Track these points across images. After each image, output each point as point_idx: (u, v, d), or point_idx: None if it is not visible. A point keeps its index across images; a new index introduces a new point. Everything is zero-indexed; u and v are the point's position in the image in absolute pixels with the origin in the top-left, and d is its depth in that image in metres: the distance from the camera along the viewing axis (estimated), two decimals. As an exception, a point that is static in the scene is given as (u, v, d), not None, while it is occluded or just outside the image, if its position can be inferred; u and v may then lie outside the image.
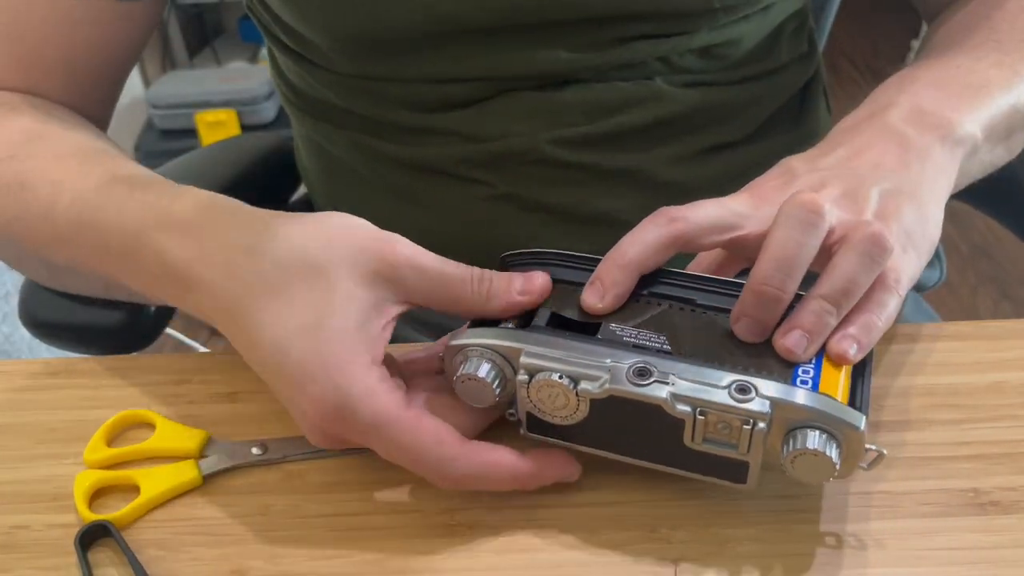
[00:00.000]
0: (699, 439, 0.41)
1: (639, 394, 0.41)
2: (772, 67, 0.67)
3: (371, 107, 0.65)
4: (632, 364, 0.42)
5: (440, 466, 0.43)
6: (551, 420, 0.44)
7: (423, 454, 0.42)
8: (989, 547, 0.43)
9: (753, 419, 0.40)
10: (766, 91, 0.67)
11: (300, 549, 0.44)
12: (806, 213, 0.42)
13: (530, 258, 0.48)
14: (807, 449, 0.40)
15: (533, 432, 0.45)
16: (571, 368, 0.42)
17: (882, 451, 0.42)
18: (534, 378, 0.43)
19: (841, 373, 0.42)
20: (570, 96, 0.62)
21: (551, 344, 0.43)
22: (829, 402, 0.41)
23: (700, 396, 0.41)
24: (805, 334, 0.42)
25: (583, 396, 0.42)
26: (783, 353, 0.42)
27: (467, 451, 0.43)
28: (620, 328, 0.44)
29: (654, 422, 0.42)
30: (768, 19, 0.65)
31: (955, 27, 0.62)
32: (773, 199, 0.46)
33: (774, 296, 0.42)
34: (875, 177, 0.47)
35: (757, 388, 0.41)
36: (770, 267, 0.42)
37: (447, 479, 0.43)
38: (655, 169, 0.64)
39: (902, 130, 0.50)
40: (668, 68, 0.63)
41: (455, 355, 0.45)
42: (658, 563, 0.43)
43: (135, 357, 0.57)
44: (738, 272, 0.49)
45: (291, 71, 0.70)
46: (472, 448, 0.43)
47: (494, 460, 0.43)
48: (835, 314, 0.42)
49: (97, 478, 0.48)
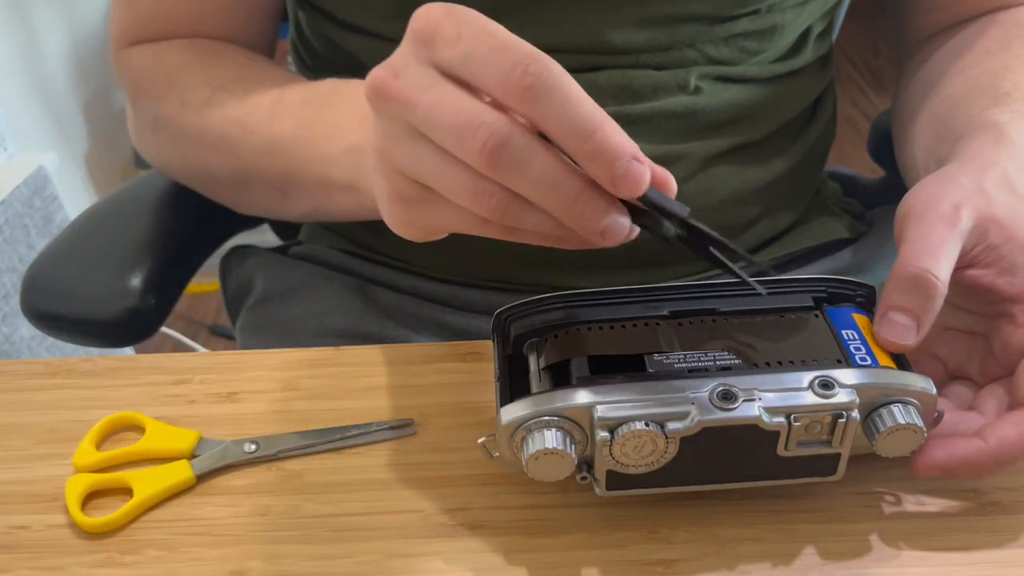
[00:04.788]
0: (793, 445, 0.41)
1: (732, 419, 0.40)
2: (798, 67, 0.67)
3: None
4: (713, 389, 0.40)
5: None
6: (635, 471, 0.41)
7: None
8: (989, 547, 0.43)
9: (845, 411, 0.40)
10: (788, 93, 0.67)
11: (300, 549, 0.44)
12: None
13: (532, 307, 0.46)
14: (899, 425, 0.40)
15: (613, 490, 0.42)
16: (653, 411, 0.40)
17: (941, 411, 0.43)
18: (616, 433, 0.40)
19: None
20: (603, 80, 0.61)
21: (619, 393, 0.40)
22: (899, 374, 0.41)
23: (790, 403, 0.40)
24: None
25: (673, 437, 0.40)
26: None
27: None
28: (666, 357, 0.43)
29: (745, 441, 0.41)
30: (803, 15, 0.65)
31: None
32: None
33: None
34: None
35: (836, 379, 0.41)
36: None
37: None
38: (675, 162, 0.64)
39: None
40: (703, 57, 0.63)
41: (512, 435, 0.41)
42: (658, 563, 0.43)
43: (135, 357, 0.57)
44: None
45: (317, 36, 0.70)
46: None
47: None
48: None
49: (89, 482, 0.47)
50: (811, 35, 0.67)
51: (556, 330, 0.45)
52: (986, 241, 0.44)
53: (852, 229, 0.73)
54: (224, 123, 0.61)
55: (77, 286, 0.67)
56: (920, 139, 0.61)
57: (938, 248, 0.43)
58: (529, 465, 0.41)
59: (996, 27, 0.63)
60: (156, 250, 0.69)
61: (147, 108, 0.66)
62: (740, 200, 0.65)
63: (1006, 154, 0.49)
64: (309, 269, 0.71)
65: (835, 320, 0.45)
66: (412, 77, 0.39)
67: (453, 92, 0.38)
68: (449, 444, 0.49)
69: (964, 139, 0.53)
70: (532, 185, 0.38)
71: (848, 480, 0.44)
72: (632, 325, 0.45)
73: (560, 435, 0.40)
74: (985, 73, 0.59)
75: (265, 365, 0.55)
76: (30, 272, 0.68)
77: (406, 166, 0.41)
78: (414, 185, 0.41)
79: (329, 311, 0.67)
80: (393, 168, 0.41)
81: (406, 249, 0.68)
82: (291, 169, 0.59)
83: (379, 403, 0.52)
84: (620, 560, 0.43)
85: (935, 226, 0.43)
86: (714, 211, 0.63)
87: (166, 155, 0.68)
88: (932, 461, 0.42)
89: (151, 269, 0.67)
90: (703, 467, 0.42)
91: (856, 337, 0.44)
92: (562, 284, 0.60)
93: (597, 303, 0.46)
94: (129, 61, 0.68)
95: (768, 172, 0.66)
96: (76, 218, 0.73)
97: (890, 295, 0.43)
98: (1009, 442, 0.42)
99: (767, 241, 0.69)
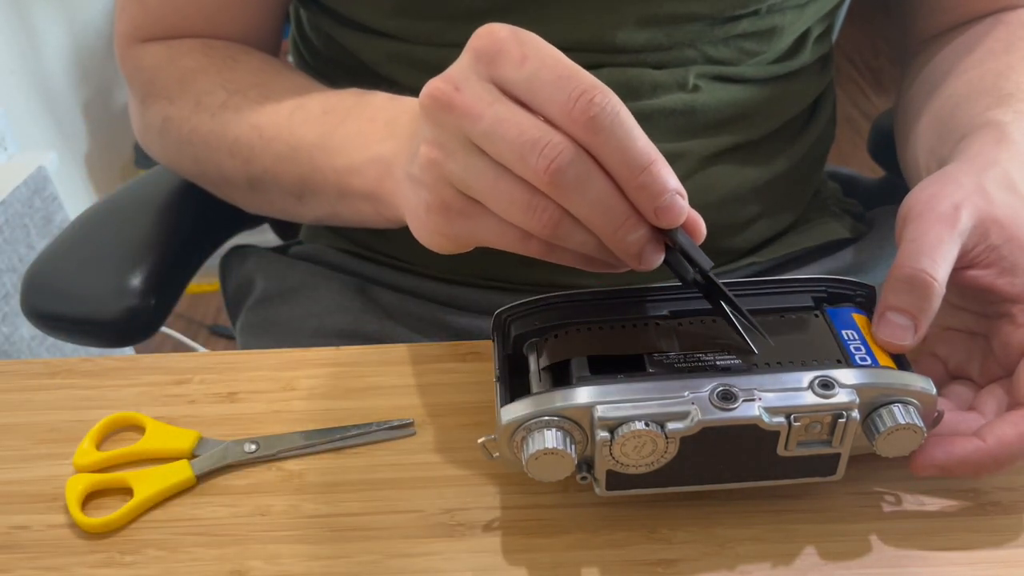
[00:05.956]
0: (792, 445, 0.41)
1: (732, 419, 0.40)
2: (796, 68, 0.67)
3: (402, 73, 0.64)
4: (712, 389, 0.41)
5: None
6: (635, 471, 0.41)
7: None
8: (989, 547, 0.43)
9: (845, 411, 0.40)
10: (786, 93, 0.67)
11: (300, 549, 0.44)
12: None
13: (532, 307, 0.46)
14: (899, 425, 0.40)
15: (612, 490, 0.42)
16: (653, 411, 0.40)
17: (941, 411, 0.43)
18: (616, 433, 0.40)
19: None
20: (603, 77, 0.61)
21: (619, 393, 0.40)
22: (899, 374, 0.41)
23: (790, 403, 0.40)
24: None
25: (673, 437, 0.40)
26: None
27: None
28: (666, 357, 0.43)
29: (744, 441, 0.41)
30: (803, 17, 0.65)
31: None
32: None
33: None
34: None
35: (836, 379, 0.41)
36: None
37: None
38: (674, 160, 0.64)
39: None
40: (702, 57, 0.63)
41: (512, 435, 0.41)
42: (658, 563, 0.43)
43: (135, 357, 0.57)
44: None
45: (317, 33, 0.70)
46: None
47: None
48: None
49: (89, 482, 0.47)
50: (810, 37, 0.67)
51: (556, 330, 0.45)
52: (987, 241, 0.44)
53: (852, 229, 0.73)
54: (241, 128, 0.61)
55: (77, 286, 0.67)
56: (922, 139, 0.61)
57: (936, 248, 0.43)
58: (529, 465, 0.41)
59: (1001, 28, 0.63)
60: (156, 250, 0.69)
61: (158, 108, 0.66)
62: (740, 199, 0.65)
63: (1008, 154, 0.49)
64: (309, 269, 0.71)
65: (835, 320, 0.45)
66: (474, 91, 0.40)
67: (515, 110, 0.40)
68: (449, 444, 0.49)
69: (966, 139, 0.53)
70: (587, 205, 0.40)
71: (848, 480, 0.44)
72: (632, 325, 0.45)
73: (560, 435, 0.40)
74: (988, 73, 0.59)
75: (265, 365, 0.55)
76: (30, 272, 0.68)
77: (458, 177, 0.42)
78: (461, 197, 0.42)
79: (329, 311, 0.67)
80: (442, 178, 0.42)
81: (406, 249, 0.68)
82: (310, 176, 0.59)
83: (379, 403, 0.52)
84: (620, 560, 0.43)
85: (933, 226, 0.43)
86: (714, 209, 0.64)
87: (176, 155, 0.68)
88: (931, 460, 0.42)
89: (151, 269, 0.67)
90: (703, 467, 0.42)
91: (856, 337, 0.44)
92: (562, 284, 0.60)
93: (597, 303, 0.46)
94: (140, 59, 0.68)
95: (767, 171, 0.66)
96: (76, 218, 0.73)
97: (888, 296, 0.43)
98: (1008, 442, 0.42)
99: (767, 240, 0.69)
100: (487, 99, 0.40)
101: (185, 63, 0.66)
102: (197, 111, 0.63)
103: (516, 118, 0.39)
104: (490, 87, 0.40)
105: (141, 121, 0.69)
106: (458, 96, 0.41)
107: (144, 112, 0.68)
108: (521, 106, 0.40)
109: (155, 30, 0.68)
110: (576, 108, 0.38)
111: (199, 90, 0.64)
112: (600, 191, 0.39)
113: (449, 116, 0.41)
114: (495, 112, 0.40)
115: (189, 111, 0.64)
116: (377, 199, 0.54)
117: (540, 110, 0.40)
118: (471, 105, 0.40)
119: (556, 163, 0.39)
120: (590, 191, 0.39)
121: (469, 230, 0.43)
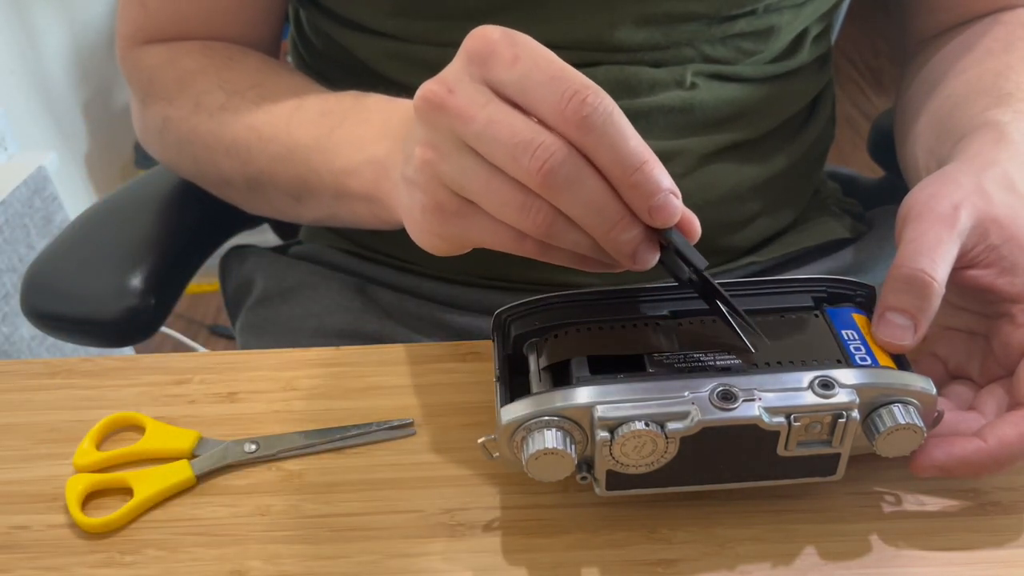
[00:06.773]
0: (792, 445, 0.41)
1: (732, 419, 0.40)
2: (793, 67, 0.67)
3: (401, 72, 0.65)
4: (712, 389, 0.41)
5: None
6: (635, 471, 0.41)
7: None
8: (989, 547, 0.43)
9: (845, 411, 0.40)
10: (784, 92, 0.67)
11: (300, 549, 0.44)
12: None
13: (532, 307, 0.46)
14: (899, 425, 0.40)
15: (612, 490, 0.42)
16: (653, 411, 0.40)
17: (941, 411, 0.43)
18: (616, 433, 0.40)
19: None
20: (601, 75, 0.62)
21: (619, 393, 0.40)
22: (899, 374, 0.41)
23: (790, 403, 0.40)
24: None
25: (673, 437, 0.40)
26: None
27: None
28: (666, 357, 0.43)
29: (744, 441, 0.41)
30: (800, 17, 0.65)
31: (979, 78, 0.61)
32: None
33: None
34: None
35: (836, 379, 0.41)
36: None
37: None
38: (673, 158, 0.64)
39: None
40: (700, 56, 0.63)
41: (512, 435, 0.41)
42: (658, 563, 0.43)
43: (135, 357, 0.57)
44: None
45: (316, 33, 0.70)
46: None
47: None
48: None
49: (89, 482, 0.47)
50: (808, 37, 0.67)
51: (556, 330, 0.45)
52: (986, 241, 0.44)
53: (852, 229, 0.73)
54: (239, 129, 0.61)
55: (77, 286, 0.67)
56: (921, 139, 0.61)
57: (935, 248, 0.43)
58: (529, 465, 0.41)
59: (1000, 27, 0.63)
60: (156, 250, 0.69)
61: (158, 109, 0.66)
62: (739, 197, 0.65)
63: (1007, 154, 0.49)
64: (309, 269, 0.71)
65: (835, 320, 0.45)
66: (467, 93, 0.41)
67: (508, 111, 0.40)
68: (449, 444, 0.49)
69: (965, 139, 0.53)
70: (580, 206, 0.40)
71: (848, 480, 0.44)
72: (632, 325, 0.45)
73: (560, 435, 0.40)
74: (987, 73, 0.59)
75: (265, 365, 0.55)
76: (30, 272, 0.68)
77: (452, 178, 0.42)
78: (455, 198, 0.42)
79: (329, 311, 0.67)
80: (436, 179, 0.43)
81: (406, 248, 0.68)
82: (307, 177, 0.59)
83: (379, 403, 0.52)
84: (620, 560, 0.43)
85: (932, 226, 0.43)
86: (713, 207, 0.64)
87: (175, 155, 0.68)
88: (931, 460, 0.42)
89: (151, 269, 0.67)
90: (703, 467, 0.42)
91: (856, 337, 0.44)
92: (562, 283, 0.60)
93: (597, 303, 0.46)
94: (140, 60, 0.69)
95: (766, 170, 0.66)
96: (76, 218, 0.73)
97: (887, 296, 0.43)
98: (1008, 442, 0.42)
99: (767, 239, 0.69)
100: (480, 101, 0.40)
101: (185, 64, 0.66)
102: (196, 112, 0.64)
103: (508, 119, 0.40)
104: (483, 88, 0.41)
105: (142, 122, 0.69)
106: (451, 98, 0.41)
107: (144, 113, 0.68)
108: (514, 107, 0.40)
109: (156, 32, 0.68)
110: (568, 108, 0.38)
111: (198, 91, 0.64)
112: (593, 191, 0.40)
113: (442, 118, 0.41)
114: (488, 113, 0.40)
115: (188, 112, 0.64)
116: (374, 201, 0.54)
117: (533, 111, 0.40)
118: (464, 107, 0.40)
119: (549, 164, 0.39)
120: (583, 191, 0.39)
121: (463, 231, 0.43)
